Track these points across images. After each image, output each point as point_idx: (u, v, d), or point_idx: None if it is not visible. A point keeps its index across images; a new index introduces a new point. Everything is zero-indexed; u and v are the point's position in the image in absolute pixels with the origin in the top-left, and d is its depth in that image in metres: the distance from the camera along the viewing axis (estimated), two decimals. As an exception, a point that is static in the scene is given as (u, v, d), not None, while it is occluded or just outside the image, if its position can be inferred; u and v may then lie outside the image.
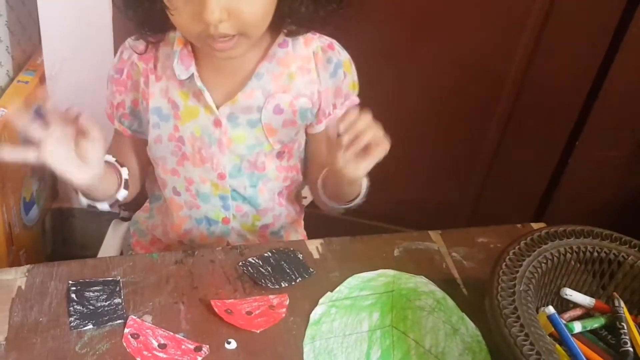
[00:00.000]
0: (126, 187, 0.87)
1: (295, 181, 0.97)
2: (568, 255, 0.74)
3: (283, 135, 0.89)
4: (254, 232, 0.97)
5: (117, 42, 1.22)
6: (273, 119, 0.87)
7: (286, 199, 0.98)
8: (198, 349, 0.67)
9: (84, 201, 0.85)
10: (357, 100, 0.92)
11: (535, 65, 1.13)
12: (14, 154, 0.70)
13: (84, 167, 0.73)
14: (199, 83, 0.84)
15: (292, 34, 0.85)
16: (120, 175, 0.87)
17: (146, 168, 0.97)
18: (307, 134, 0.95)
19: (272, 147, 0.89)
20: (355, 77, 0.92)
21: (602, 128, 1.18)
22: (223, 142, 0.87)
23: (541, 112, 1.19)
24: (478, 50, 1.14)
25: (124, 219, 1.31)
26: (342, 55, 0.89)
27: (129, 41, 0.89)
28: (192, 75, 0.84)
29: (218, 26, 0.74)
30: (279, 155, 0.92)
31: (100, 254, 1.15)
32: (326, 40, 0.89)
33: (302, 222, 1.07)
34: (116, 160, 0.87)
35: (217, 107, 0.86)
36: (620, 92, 1.14)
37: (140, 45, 0.87)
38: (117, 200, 0.86)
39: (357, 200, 0.88)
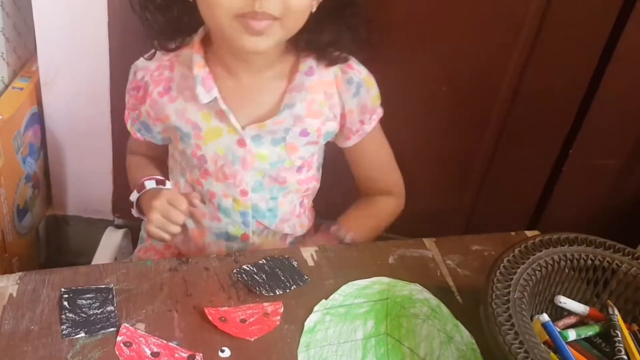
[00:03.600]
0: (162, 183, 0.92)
1: (313, 189, 0.98)
2: (562, 262, 0.74)
3: (304, 152, 0.90)
4: (275, 245, 0.97)
5: (113, 49, 1.22)
6: (298, 139, 0.88)
7: (305, 207, 0.99)
8: (191, 358, 0.66)
9: (137, 213, 0.93)
10: (381, 112, 0.93)
11: (528, 75, 1.14)
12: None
13: None
14: (223, 106, 0.84)
15: (314, 54, 0.86)
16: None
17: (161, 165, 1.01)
18: (340, 147, 0.95)
19: (292, 163, 0.89)
20: (377, 89, 0.92)
21: (596, 136, 1.18)
22: (247, 161, 0.87)
23: (535, 121, 1.19)
24: (472, 60, 1.14)
25: (118, 227, 1.31)
26: (362, 72, 0.89)
27: (139, 62, 0.90)
28: (215, 98, 0.84)
29: (264, 4, 0.73)
30: (299, 169, 0.92)
31: (94, 262, 1.15)
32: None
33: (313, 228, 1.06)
34: (156, 182, 0.92)
35: (242, 128, 0.86)
36: (613, 100, 1.14)
37: (152, 64, 0.88)
38: None
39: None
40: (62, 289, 0.72)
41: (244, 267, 0.78)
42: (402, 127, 1.22)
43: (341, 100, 0.89)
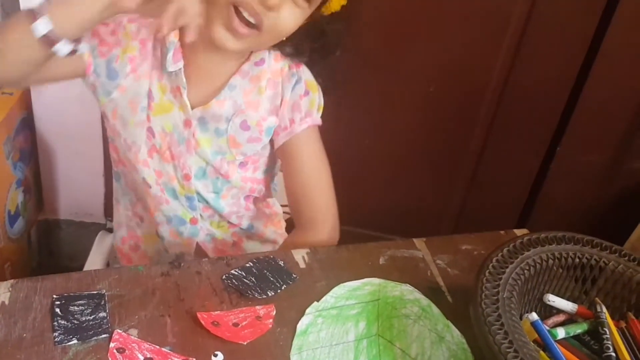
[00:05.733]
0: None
1: (264, 194, 1.00)
2: (550, 261, 0.75)
3: (247, 149, 0.91)
4: (224, 230, 0.99)
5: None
6: (239, 132, 0.89)
7: (254, 203, 1.00)
8: (184, 362, 0.67)
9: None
10: (319, 120, 0.93)
11: (515, 73, 1.15)
12: None
13: None
14: (183, 80, 0.86)
15: (288, 56, 0.89)
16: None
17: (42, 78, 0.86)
18: (277, 153, 0.96)
19: (234, 158, 0.91)
20: (321, 101, 0.92)
21: (583, 133, 1.20)
22: (191, 143, 0.89)
23: (522, 119, 1.20)
24: (459, 60, 1.15)
25: (110, 230, 1.31)
26: (306, 74, 0.92)
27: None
28: (180, 69, 0.85)
29: (265, 12, 0.76)
30: (242, 165, 0.93)
31: (87, 266, 1.15)
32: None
33: (281, 222, 1.08)
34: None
35: (191, 109, 0.88)
36: (599, 97, 1.15)
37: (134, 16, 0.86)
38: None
39: None
40: (54, 296, 0.71)
41: (232, 272, 0.79)
42: (390, 128, 1.23)
43: (282, 90, 0.90)
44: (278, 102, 0.90)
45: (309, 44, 0.87)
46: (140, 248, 1.03)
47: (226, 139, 0.89)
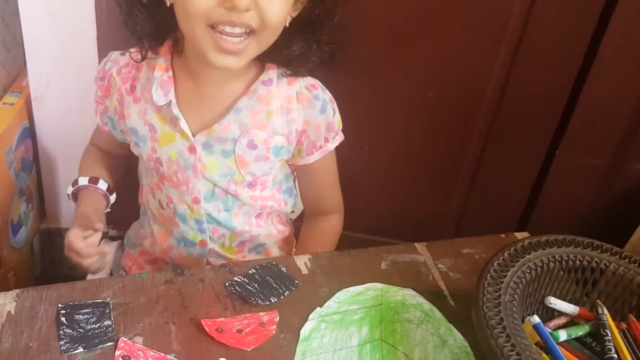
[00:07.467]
0: (111, 193, 0.97)
1: (276, 209, 0.98)
2: (551, 264, 0.75)
3: (255, 168, 0.90)
4: (232, 252, 0.99)
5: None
6: (246, 152, 0.88)
7: (265, 221, 0.99)
8: (189, 369, 0.67)
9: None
10: (343, 136, 0.94)
11: (513, 78, 1.15)
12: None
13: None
14: (175, 110, 0.85)
15: (284, 72, 0.87)
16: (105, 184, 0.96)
17: (123, 160, 1.03)
18: (296, 166, 0.97)
19: (243, 178, 0.90)
20: (339, 115, 0.93)
21: (581, 137, 1.20)
22: (197, 168, 0.88)
23: (521, 123, 1.20)
24: (457, 65, 1.16)
25: (113, 238, 1.31)
26: (326, 94, 0.90)
27: (114, 54, 0.92)
28: (170, 102, 0.85)
29: (242, 14, 0.72)
30: (251, 185, 0.93)
31: (90, 275, 1.15)
32: (310, 80, 0.90)
33: (292, 240, 1.07)
34: (89, 180, 0.96)
35: (194, 135, 0.87)
36: (597, 100, 1.16)
37: (122, 60, 0.90)
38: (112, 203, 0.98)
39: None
40: (59, 305, 0.72)
41: (236, 279, 0.79)
42: (390, 133, 1.24)
43: (304, 115, 0.88)
44: (293, 128, 0.88)
45: (307, 51, 0.85)
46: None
47: (234, 159, 0.88)
